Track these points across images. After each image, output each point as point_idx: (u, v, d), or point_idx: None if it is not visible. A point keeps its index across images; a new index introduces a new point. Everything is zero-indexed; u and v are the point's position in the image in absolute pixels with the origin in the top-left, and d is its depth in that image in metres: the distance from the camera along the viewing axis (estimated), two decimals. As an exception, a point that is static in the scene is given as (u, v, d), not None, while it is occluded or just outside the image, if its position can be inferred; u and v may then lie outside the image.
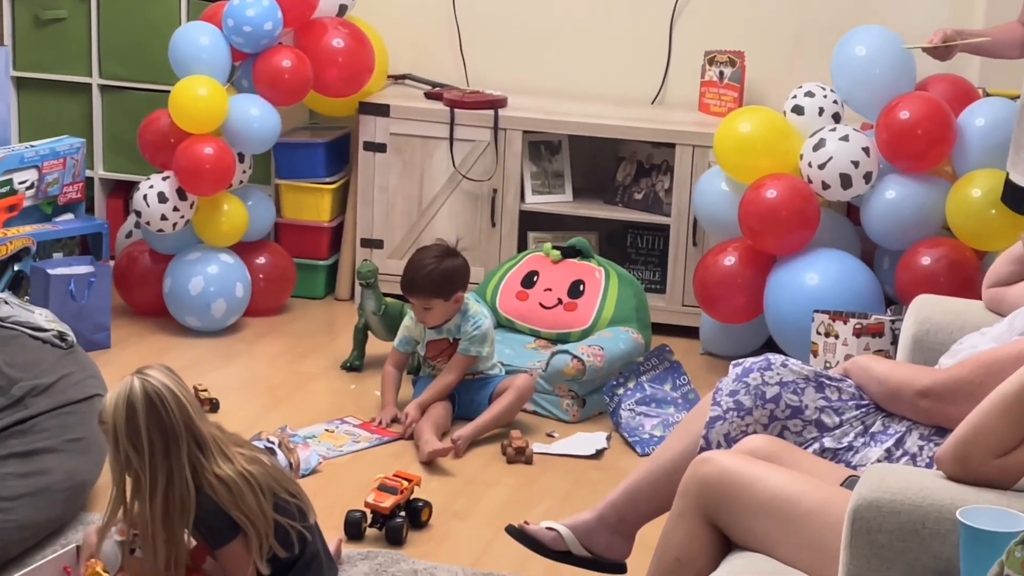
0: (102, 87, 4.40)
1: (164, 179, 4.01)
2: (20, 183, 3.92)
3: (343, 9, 4.28)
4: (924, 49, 3.53)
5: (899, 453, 2.24)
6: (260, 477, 2.40)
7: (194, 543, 2.47)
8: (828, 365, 3.53)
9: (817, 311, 3.61)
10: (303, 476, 3.15)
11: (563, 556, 2.47)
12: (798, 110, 3.82)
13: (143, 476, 2.35)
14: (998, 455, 1.85)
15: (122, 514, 2.42)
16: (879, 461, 2.22)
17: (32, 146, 3.98)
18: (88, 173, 4.26)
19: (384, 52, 4.41)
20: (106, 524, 2.44)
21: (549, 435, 3.52)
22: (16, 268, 3.87)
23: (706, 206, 3.96)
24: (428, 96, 4.39)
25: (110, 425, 2.37)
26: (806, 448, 2.26)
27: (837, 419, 2.28)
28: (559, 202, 4.30)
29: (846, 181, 3.72)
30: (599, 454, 3.41)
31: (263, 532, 2.39)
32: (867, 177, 3.73)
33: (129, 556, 2.45)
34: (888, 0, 4.21)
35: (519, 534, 2.50)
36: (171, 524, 2.37)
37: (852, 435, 2.27)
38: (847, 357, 3.44)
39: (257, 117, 4.02)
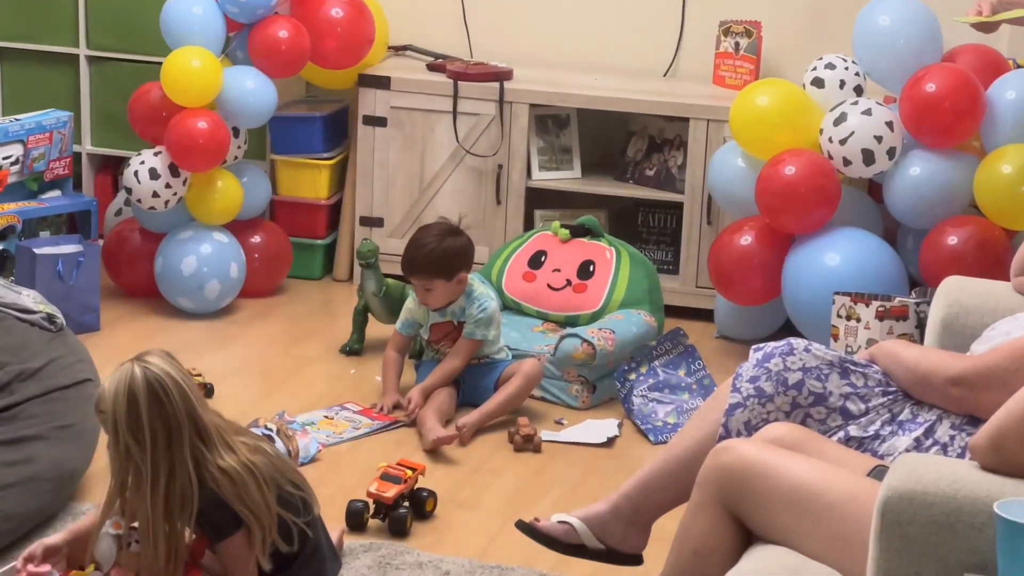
0: (90, 58, 4.37)
1: (155, 154, 3.99)
2: (4, 158, 3.88)
3: (342, -23, 4.23)
4: (974, 25, 3.41)
5: (929, 443, 2.20)
6: (264, 468, 2.37)
7: (192, 536, 2.43)
8: (850, 349, 3.52)
9: (838, 293, 3.57)
10: (302, 464, 3.12)
11: (577, 550, 2.43)
12: (818, 83, 3.79)
13: (144, 468, 2.31)
14: None
15: (119, 506, 2.37)
16: (908, 451, 2.18)
17: (17, 119, 3.95)
18: (75, 148, 4.24)
19: (384, 22, 4.39)
20: (102, 517, 2.39)
21: (558, 422, 3.49)
22: (0, 247, 3.83)
23: (721, 183, 3.92)
24: (430, 68, 4.36)
25: (109, 415, 2.32)
26: (830, 436, 2.22)
27: (863, 406, 2.24)
28: (567, 179, 4.28)
29: (868, 157, 3.67)
30: (610, 442, 3.38)
31: (267, 526, 2.35)
32: (890, 153, 3.69)
33: (125, 550, 2.40)
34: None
35: (530, 531, 2.46)
36: (172, 518, 2.33)
37: (879, 423, 2.23)
38: (869, 341, 3.48)
39: (252, 90, 3.99)
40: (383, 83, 4.22)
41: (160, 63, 3.92)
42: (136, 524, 2.36)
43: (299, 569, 2.42)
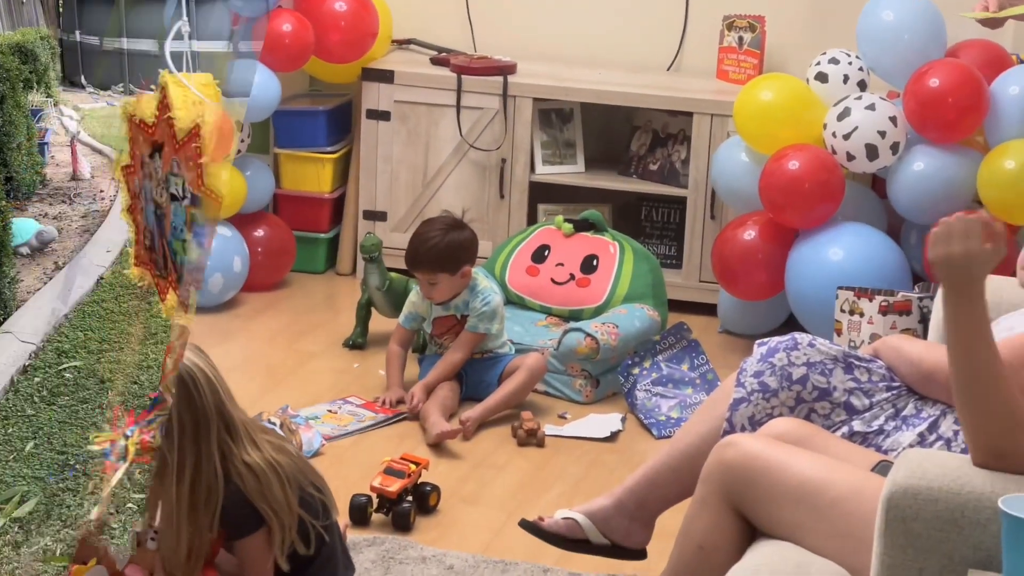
0: (94, 52, 4.33)
1: (159, 148, 3.92)
2: (8, 151, 3.86)
3: (346, -29, 4.21)
4: (980, 20, 3.39)
5: (933, 438, 2.19)
6: (287, 468, 2.34)
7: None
8: (853, 344, 3.50)
9: (841, 288, 3.56)
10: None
11: (581, 545, 2.42)
12: (822, 77, 3.77)
13: (170, 459, 2.28)
14: None
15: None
16: (911, 446, 2.18)
17: (20, 113, 3.92)
18: (80, 142, 4.21)
19: (388, 16, 4.37)
20: None
21: (561, 416, 3.47)
22: (4, 240, 3.79)
23: (725, 178, 3.90)
24: (434, 62, 4.33)
25: None
26: (834, 432, 2.22)
27: (867, 401, 2.23)
28: (571, 173, 4.27)
29: (872, 152, 3.65)
30: (613, 436, 3.37)
31: (287, 525, 2.32)
32: (894, 148, 3.67)
33: (141, 547, 2.35)
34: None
35: (534, 529, 2.45)
36: (196, 512, 2.30)
37: (883, 418, 2.22)
38: (873, 336, 3.47)
39: (256, 84, 3.96)
40: (387, 77, 4.20)
41: (164, 57, 3.93)
42: (153, 523, 2.33)
43: (314, 574, 2.39)
